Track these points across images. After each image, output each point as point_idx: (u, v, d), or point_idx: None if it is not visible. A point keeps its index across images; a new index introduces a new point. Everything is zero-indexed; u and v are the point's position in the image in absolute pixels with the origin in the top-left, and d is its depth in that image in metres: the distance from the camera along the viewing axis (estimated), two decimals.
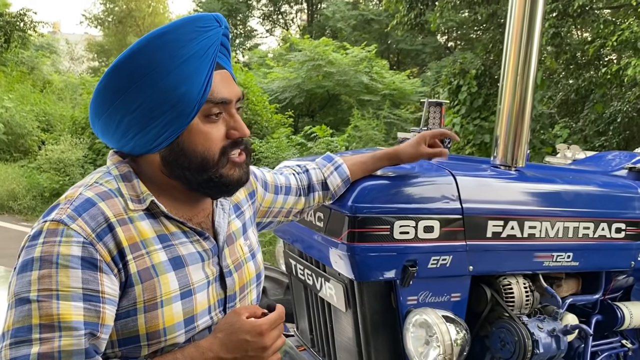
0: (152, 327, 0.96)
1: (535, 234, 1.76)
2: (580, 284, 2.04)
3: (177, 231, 1.03)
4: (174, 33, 0.95)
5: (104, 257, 0.91)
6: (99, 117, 1.00)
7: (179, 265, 1.00)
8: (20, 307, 0.86)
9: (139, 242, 0.96)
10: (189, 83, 0.95)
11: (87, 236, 0.91)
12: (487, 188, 1.75)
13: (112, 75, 0.95)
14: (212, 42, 0.98)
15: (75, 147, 8.85)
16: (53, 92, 14.28)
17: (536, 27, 1.79)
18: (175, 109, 0.96)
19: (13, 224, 7.20)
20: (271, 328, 1.00)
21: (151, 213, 1.00)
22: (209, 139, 1.01)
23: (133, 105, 0.95)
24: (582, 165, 2.60)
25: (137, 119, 0.96)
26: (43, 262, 0.87)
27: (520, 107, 1.80)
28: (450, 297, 1.69)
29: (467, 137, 7.23)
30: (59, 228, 0.90)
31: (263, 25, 26.08)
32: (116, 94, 0.95)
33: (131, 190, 1.00)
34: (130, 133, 0.98)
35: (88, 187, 0.98)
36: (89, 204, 0.94)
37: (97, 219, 0.93)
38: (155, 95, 0.95)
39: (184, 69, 0.94)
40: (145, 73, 0.94)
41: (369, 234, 1.55)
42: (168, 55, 0.94)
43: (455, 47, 17.85)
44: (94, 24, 30.07)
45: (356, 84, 12.18)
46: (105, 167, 1.05)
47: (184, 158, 1.00)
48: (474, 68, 7.32)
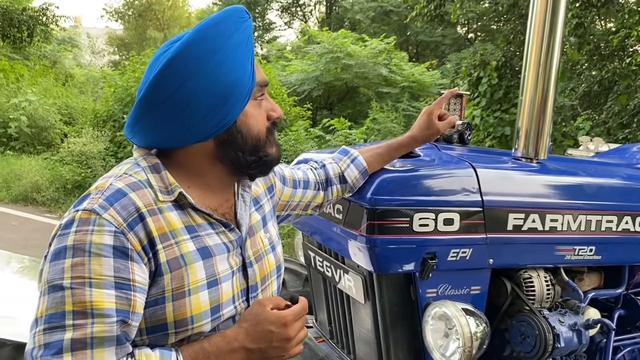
0: (180, 315, 0.98)
1: (556, 227, 1.74)
2: (602, 278, 2.01)
3: (203, 222, 1.05)
4: (222, 24, 0.99)
5: (134, 246, 0.93)
6: (151, 112, 0.99)
7: (206, 255, 1.02)
8: (53, 294, 0.88)
9: (168, 232, 0.98)
10: (242, 69, 1.01)
11: (119, 225, 0.92)
12: (508, 180, 1.74)
13: (169, 68, 0.96)
14: (250, 32, 1.04)
15: (96, 139, 8.96)
16: (75, 86, 14.46)
17: (559, 18, 1.76)
18: (234, 95, 1.00)
19: (37, 215, 7.33)
20: (295, 320, 1.02)
21: (179, 204, 1.03)
22: (260, 120, 1.08)
23: (194, 95, 0.97)
24: (605, 157, 2.55)
25: (198, 109, 0.98)
26: (76, 250, 0.89)
27: (542, 99, 1.77)
28: (470, 290, 1.68)
29: (487, 129, 7.14)
30: (91, 217, 0.92)
31: (281, 17, 26.09)
32: (175, 86, 0.96)
33: (160, 182, 1.02)
34: (187, 124, 1.00)
35: (118, 177, 1.00)
36: (120, 194, 0.96)
37: (128, 209, 0.95)
38: (215, 83, 0.98)
39: (237, 55, 1.00)
40: (204, 62, 0.96)
41: (388, 227, 1.54)
42: (222, 43, 0.98)
43: (476, 39, 17.63)
44: (115, 17, 30.38)
45: (375, 76, 12.12)
46: (133, 159, 1.07)
47: (241, 140, 1.05)
48: (495, 60, 7.22)
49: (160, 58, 1.00)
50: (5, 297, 1.90)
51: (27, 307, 1.66)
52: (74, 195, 8.05)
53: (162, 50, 1.03)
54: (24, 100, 10.55)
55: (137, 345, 0.97)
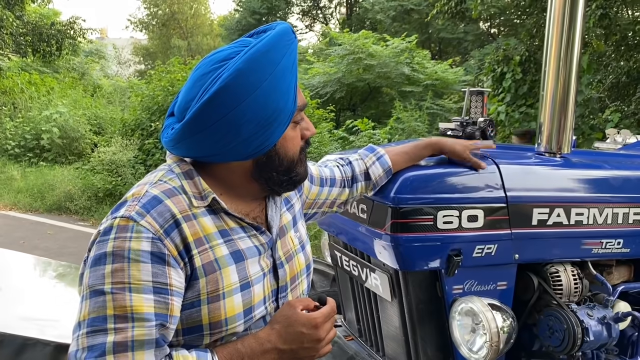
0: (215, 318, 1.01)
1: (582, 220, 1.74)
2: (632, 271, 1.99)
3: (235, 226, 1.08)
4: (274, 50, 1.00)
5: (171, 252, 0.96)
6: (195, 134, 1.01)
7: (239, 259, 1.05)
8: (95, 299, 0.91)
9: (203, 237, 1.01)
10: (287, 94, 1.03)
11: (156, 232, 0.95)
12: (532, 176, 1.74)
13: (219, 95, 0.97)
14: (295, 55, 1.05)
15: (125, 148, 9.15)
16: (103, 96, 14.81)
17: (578, 11, 1.76)
18: (277, 121, 1.03)
19: (71, 223, 7.53)
20: (325, 321, 1.05)
21: (212, 209, 1.05)
22: (296, 142, 1.12)
23: (241, 121, 0.99)
24: (633, 149, 2.53)
25: (242, 133, 1.01)
26: (115, 256, 0.92)
27: (564, 93, 1.78)
28: (496, 286, 1.69)
29: (513, 125, 7.06)
30: (129, 224, 0.94)
31: (302, 21, 26.20)
32: (223, 113, 0.98)
33: (193, 188, 1.05)
34: (229, 146, 1.02)
35: (153, 184, 1.02)
36: (156, 201, 0.99)
37: (164, 216, 0.98)
38: (262, 110, 1.00)
39: (283, 82, 1.02)
40: (254, 91, 0.98)
41: (413, 225, 1.57)
42: (271, 71, 0.99)
43: (499, 34, 17.40)
44: (139, 28, 31.01)
45: (397, 76, 12.07)
46: (166, 165, 1.10)
47: (278, 162, 1.08)
48: (518, 54, 7.14)
49: (207, 78, 1.00)
50: (47, 301, 1.98)
51: (67, 309, 1.73)
52: (106, 203, 8.24)
53: (207, 66, 1.03)
54: (55, 112, 10.86)
55: (172, 346, 1.00)
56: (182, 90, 1.07)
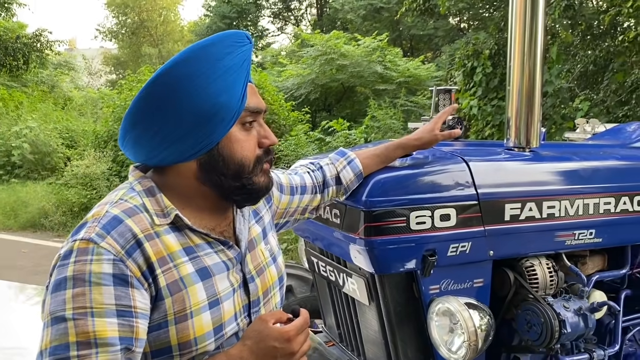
0: (184, 338, 0.99)
1: (554, 213, 1.75)
2: (606, 260, 2.01)
3: (201, 242, 1.06)
4: (214, 46, 1.00)
5: (134, 273, 0.94)
6: (134, 127, 1.02)
7: (205, 276, 1.03)
8: (56, 326, 0.89)
9: (166, 255, 0.99)
10: (229, 92, 1.01)
11: (117, 253, 0.93)
12: (502, 171, 1.75)
13: (154, 85, 0.98)
14: (246, 57, 1.04)
15: (99, 160, 9.02)
16: (74, 109, 14.56)
17: (540, 5, 1.77)
18: (216, 117, 1.00)
19: (46, 240, 7.39)
20: (298, 333, 1.03)
21: (176, 226, 1.03)
22: (245, 147, 1.07)
23: (174, 113, 0.98)
24: (601, 139, 2.56)
25: (177, 127, 0.99)
26: (76, 280, 0.90)
27: (529, 88, 1.79)
28: (472, 283, 1.69)
29: (485, 118, 7.12)
30: (89, 247, 0.92)
31: (274, 23, 26.16)
32: (157, 103, 0.98)
33: (155, 205, 1.03)
34: (167, 141, 1.01)
35: (114, 204, 1.00)
36: (116, 221, 0.97)
37: (125, 236, 0.95)
38: (196, 104, 0.98)
39: (224, 79, 1.00)
40: (187, 83, 0.98)
41: (386, 227, 1.56)
42: (210, 65, 0.99)
43: (469, 28, 17.59)
44: (108, 37, 30.57)
45: (370, 74, 12.11)
46: (128, 183, 1.07)
47: (222, 164, 1.05)
48: (487, 48, 7.20)
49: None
50: (16, 328, 1.92)
51: (37, 336, 1.68)
52: (82, 218, 7.97)
53: None
54: (25, 127, 10.64)
55: None
56: None
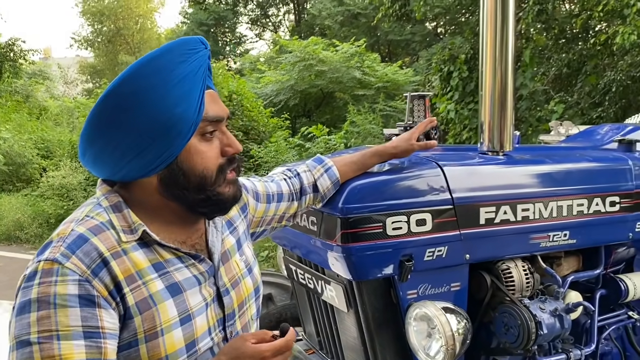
0: (155, 356, 0.97)
1: (529, 216, 1.77)
2: (580, 260, 2.04)
3: (171, 257, 1.03)
4: (164, 57, 0.97)
5: (101, 293, 0.92)
6: (91, 144, 0.99)
7: (176, 292, 1.01)
8: (21, 350, 0.86)
9: (134, 273, 0.97)
10: (184, 103, 0.97)
11: (83, 273, 0.91)
12: (476, 176, 1.76)
13: (105, 103, 0.95)
14: (201, 64, 1.00)
15: (75, 171, 8.90)
16: (49, 118, 14.33)
17: (509, 11, 1.79)
18: (173, 130, 0.96)
19: (22, 253, 7.24)
20: (275, 355, 0.99)
21: (144, 242, 1.01)
22: (206, 158, 1.03)
23: (129, 130, 0.95)
24: (574, 141, 2.60)
25: (134, 143, 0.96)
26: (41, 303, 0.88)
27: (501, 92, 1.81)
28: (450, 287, 1.69)
29: (462, 122, 7.21)
30: (53, 267, 0.90)
31: (252, 30, 26.13)
32: (111, 120, 0.95)
33: (122, 221, 1.00)
34: (126, 158, 0.98)
35: (79, 222, 0.98)
36: (81, 240, 0.94)
37: (90, 255, 0.93)
38: (151, 118, 0.95)
39: (178, 90, 0.96)
40: (140, 98, 0.94)
41: (363, 234, 1.56)
42: (161, 78, 0.95)
43: (445, 33, 17.78)
44: (84, 45, 30.23)
45: (349, 80, 12.17)
46: (94, 199, 1.05)
47: (183, 178, 1.01)
48: (463, 53, 7.30)
49: None
50: None
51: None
52: None
53: None
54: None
55: None
56: None
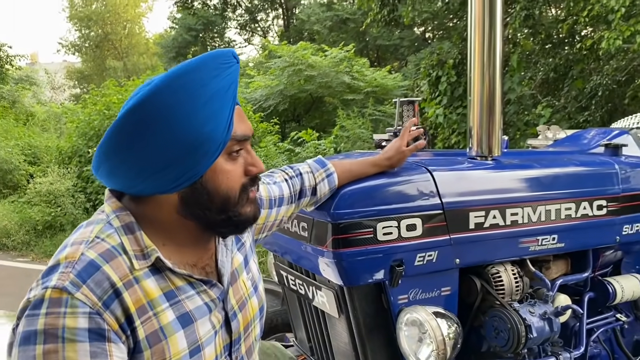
0: None
1: (518, 220, 1.78)
2: (569, 264, 2.06)
3: (183, 284, 0.98)
4: (196, 72, 0.90)
5: (111, 326, 0.86)
6: (108, 158, 0.93)
7: (187, 322, 0.96)
8: None
9: (146, 303, 0.91)
10: (213, 122, 0.91)
11: (93, 305, 0.85)
12: (465, 180, 1.77)
13: (129, 117, 0.89)
14: (233, 79, 0.95)
15: (63, 177, 8.80)
16: (36, 124, 14.20)
17: (497, 16, 1.81)
18: (200, 149, 0.91)
19: (8, 261, 7.14)
20: None
21: (156, 268, 0.95)
22: (231, 177, 0.98)
23: (153, 146, 0.89)
24: (561, 145, 2.62)
25: (156, 160, 0.91)
26: (48, 335, 0.82)
27: (489, 97, 1.82)
28: (440, 292, 1.70)
29: (451, 126, 7.25)
30: (62, 297, 0.84)
31: (241, 35, 26.11)
32: (134, 135, 0.89)
33: (135, 245, 0.94)
34: (145, 173, 0.92)
35: (89, 244, 0.91)
36: (92, 267, 0.88)
37: (102, 286, 0.87)
38: (178, 136, 0.89)
39: (209, 107, 0.91)
40: (167, 114, 0.88)
41: (353, 239, 1.56)
42: (191, 94, 0.89)
43: (434, 38, 17.89)
44: (71, 51, 30.05)
45: (338, 85, 12.19)
46: (104, 216, 0.97)
47: (207, 197, 0.96)
48: (451, 58, 7.35)
49: (131, 97, 0.93)
50: None
51: None
52: (46, 236, 7.89)
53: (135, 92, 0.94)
54: None
55: None
56: None
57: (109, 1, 29.18)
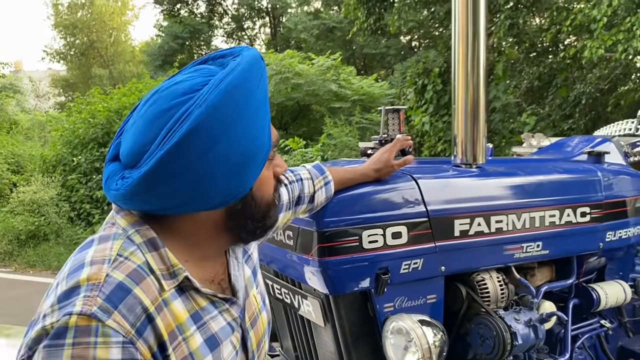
0: None
1: (502, 227, 1.79)
2: (554, 270, 2.07)
3: (206, 304, 0.91)
4: (245, 82, 0.84)
5: (144, 356, 0.78)
6: (164, 181, 0.81)
7: (214, 346, 0.90)
8: None
9: (175, 328, 0.84)
10: (262, 131, 0.88)
11: (127, 334, 0.76)
12: (450, 188, 1.78)
13: (191, 135, 0.79)
14: (267, 85, 0.91)
15: (47, 186, 8.71)
16: (20, 132, 14.06)
17: (480, 26, 1.82)
18: (255, 160, 0.87)
19: None
20: None
21: (180, 288, 0.88)
22: (269, 183, 0.97)
23: (216, 164, 0.82)
24: (545, 153, 2.65)
25: (215, 180, 0.83)
26: None
27: (473, 105, 1.83)
28: (426, 300, 1.70)
29: (437, 134, 7.30)
30: (92, 325, 0.74)
31: (227, 43, 26.07)
32: (196, 154, 0.80)
33: (160, 263, 0.85)
34: (201, 192, 0.84)
35: (112, 264, 0.81)
36: (123, 291, 0.79)
37: (135, 311, 0.78)
38: (238, 150, 0.84)
39: (258, 117, 0.86)
40: (227, 131, 0.81)
41: (339, 247, 1.56)
42: (246, 106, 0.84)
43: (420, 46, 18.04)
44: (56, 58, 29.80)
45: (325, 93, 12.23)
46: (119, 230, 0.87)
47: (254, 207, 0.93)
48: (437, 66, 7.41)
49: (170, 115, 0.81)
50: None
51: None
52: (29, 246, 7.78)
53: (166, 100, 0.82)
54: None
55: None
56: (130, 130, 0.86)
57: (94, 9, 29.02)
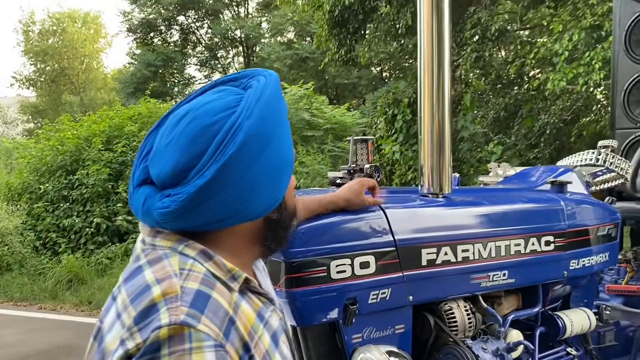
0: None
1: (469, 256, 1.81)
2: (520, 299, 2.10)
3: (262, 304, 0.92)
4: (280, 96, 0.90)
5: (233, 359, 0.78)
6: (217, 193, 0.82)
7: (276, 343, 0.91)
8: None
9: (251, 329, 0.85)
10: (290, 139, 0.93)
11: (217, 337, 0.75)
12: (417, 218, 1.80)
13: (246, 144, 0.81)
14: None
15: (12, 214, 8.47)
16: None
17: (445, 59, 1.87)
18: (289, 169, 0.92)
19: None
20: None
21: (240, 290, 0.88)
22: (292, 191, 1.00)
23: (263, 173, 0.85)
24: (510, 182, 2.70)
25: (262, 187, 0.86)
26: None
27: (439, 136, 1.87)
28: (394, 330, 1.70)
29: (407, 162, 7.41)
30: (184, 332, 0.73)
31: (201, 71, 26.15)
32: (249, 163, 0.82)
33: (219, 270, 0.85)
34: (245, 204, 0.85)
35: (181, 277, 0.80)
36: (203, 297, 0.78)
37: (219, 314, 0.78)
38: (278, 160, 0.87)
39: (288, 126, 0.92)
40: (274, 138, 0.86)
41: (307, 278, 1.55)
42: (282, 117, 0.89)
43: (390, 77, 18.41)
44: (26, 85, 29.36)
45: (298, 121, 12.32)
46: (167, 250, 0.86)
47: (286, 215, 0.96)
48: (407, 96, 7.57)
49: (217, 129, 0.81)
50: None
51: None
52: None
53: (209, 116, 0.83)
54: None
55: None
56: (164, 150, 0.84)
57: (66, 36, 28.85)
